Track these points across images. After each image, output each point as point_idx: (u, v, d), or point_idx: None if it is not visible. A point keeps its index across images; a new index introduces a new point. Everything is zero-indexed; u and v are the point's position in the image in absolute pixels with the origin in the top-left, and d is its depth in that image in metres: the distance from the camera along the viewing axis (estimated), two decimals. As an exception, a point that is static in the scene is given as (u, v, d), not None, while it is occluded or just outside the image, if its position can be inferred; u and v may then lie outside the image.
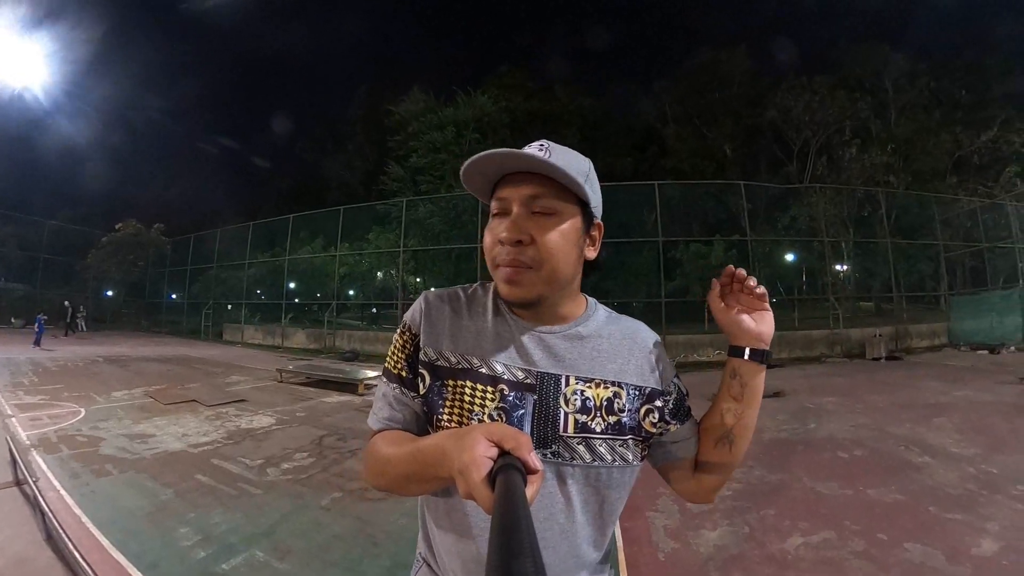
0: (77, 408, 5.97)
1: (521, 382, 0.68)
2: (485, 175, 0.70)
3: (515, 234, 0.65)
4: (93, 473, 3.71)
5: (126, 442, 4.58)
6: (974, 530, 2.73)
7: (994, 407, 5.93)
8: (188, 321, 22.82)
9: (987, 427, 5.01)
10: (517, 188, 0.67)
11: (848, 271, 20.19)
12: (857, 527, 2.81)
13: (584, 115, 28.84)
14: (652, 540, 2.75)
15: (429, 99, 24.81)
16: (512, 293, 0.68)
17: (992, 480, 3.49)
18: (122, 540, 2.61)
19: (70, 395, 6.77)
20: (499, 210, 0.69)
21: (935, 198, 17.44)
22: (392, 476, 0.65)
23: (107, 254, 24.92)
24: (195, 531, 2.77)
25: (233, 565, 2.42)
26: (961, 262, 18.76)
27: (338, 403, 6.97)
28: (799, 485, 3.56)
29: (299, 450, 4.52)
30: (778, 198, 20.58)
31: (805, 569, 2.40)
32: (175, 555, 2.50)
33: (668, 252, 16.11)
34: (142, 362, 11.29)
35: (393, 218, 18.99)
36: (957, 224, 18.20)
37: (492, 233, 0.69)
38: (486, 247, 0.71)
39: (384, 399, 0.74)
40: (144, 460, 4.08)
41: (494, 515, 0.39)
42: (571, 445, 0.67)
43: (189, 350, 14.97)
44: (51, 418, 5.44)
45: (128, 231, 25.28)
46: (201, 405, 6.38)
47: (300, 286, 21.97)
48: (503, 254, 0.67)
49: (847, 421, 5.48)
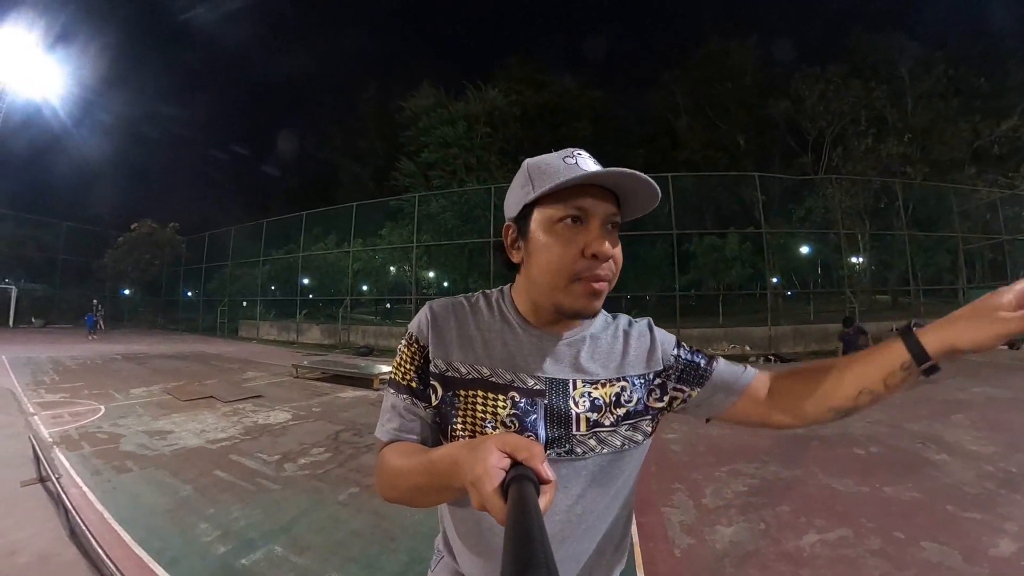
0: (97, 406, 6.10)
1: (531, 389, 0.70)
2: (559, 181, 0.66)
3: (610, 250, 0.65)
4: (114, 470, 3.78)
5: (145, 439, 4.67)
6: (992, 530, 2.69)
7: (1013, 403, 5.83)
8: (204, 318, 23.25)
9: (1006, 424, 4.92)
10: (602, 202, 0.67)
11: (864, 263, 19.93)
12: (873, 525, 2.79)
13: (595, 107, 28.71)
14: (668, 536, 2.76)
15: (439, 94, 24.83)
16: (592, 307, 0.68)
17: (1011, 479, 3.43)
18: (144, 536, 2.66)
19: (90, 393, 6.92)
20: (573, 219, 0.67)
21: (953, 189, 17.08)
22: (404, 488, 0.65)
23: (123, 253, 25.44)
24: (214, 527, 2.82)
25: (253, 560, 2.46)
26: (980, 254, 18.42)
27: (353, 398, 7.04)
28: (814, 481, 3.53)
29: (316, 445, 4.58)
30: (792, 190, 20.32)
31: (821, 566, 2.38)
32: (195, 551, 2.55)
33: (681, 245, 16.05)
34: (159, 359, 11.51)
35: (406, 213, 19.15)
36: (976, 216, 17.83)
37: (571, 243, 0.66)
38: (562, 257, 0.66)
39: (393, 410, 0.74)
40: (163, 456, 4.16)
41: (507, 526, 0.39)
42: (584, 442, 0.70)
43: (205, 347, 15.21)
44: (72, 416, 5.56)
45: (143, 230, 25.74)
46: (218, 401, 6.49)
47: (314, 282, 22.25)
48: (591, 268, 0.66)
49: (863, 416, 5.39)
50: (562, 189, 0.66)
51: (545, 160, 0.70)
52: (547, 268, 0.67)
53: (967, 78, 22.64)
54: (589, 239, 0.65)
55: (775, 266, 17.23)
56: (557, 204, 0.67)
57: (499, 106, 23.51)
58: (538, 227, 0.69)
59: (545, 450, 0.69)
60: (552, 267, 0.67)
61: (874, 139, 21.09)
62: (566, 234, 0.66)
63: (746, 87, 26.08)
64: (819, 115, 22.90)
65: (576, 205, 0.66)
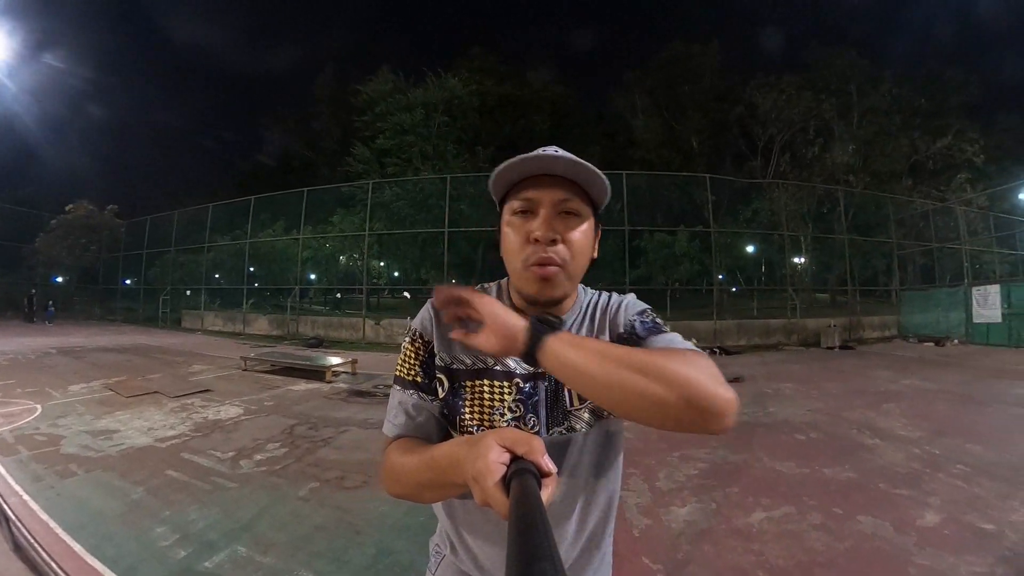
0: (32, 405, 5.65)
1: (533, 372, 0.74)
2: (510, 177, 0.71)
3: (551, 233, 0.68)
4: (57, 475, 3.53)
5: (89, 439, 4.39)
6: (919, 504, 2.98)
7: (938, 394, 6.42)
8: (145, 308, 21.80)
9: (932, 413, 5.42)
10: (548, 190, 0.69)
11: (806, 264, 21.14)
12: (814, 502, 3.03)
13: (555, 102, 28.81)
14: (626, 518, 2.88)
15: (398, 80, 24.19)
16: (544, 291, 0.70)
17: (935, 460, 3.80)
18: (96, 544, 2.50)
19: (23, 391, 6.39)
20: (524, 209, 0.70)
21: (891, 199, 18.48)
22: (408, 484, 0.66)
23: (57, 238, 23.39)
24: (172, 530, 2.70)
25: (216, 562, 2.38)
26: (912, 260, 19.93)
27: (306, 391, 6.87)
28: (760, 465, 3.78)
29: (271, 440, 4.45)
30: (741, 192, 21.28)
31: (768, 541, 2.57)
32: (154, 556, 2.43)
33: (632, 241, 16.41)
34: (98, 352, 10.76)
35: (358, 201, 18.60)
36: (910, 224, 19.34)
37: (520, 232, 0.70)
38: (513, 246, 0.71)
39: (401, 406, 0.76)
40: (110, 457, 3.93)
41: (510, 519, 0.39)
42: (579, 415, 0.74)
43: (147, 338, 14.33)
44: (4, 417, 5.11)
45: (79, 213, 23.80)
46: (164, 396, 6.17)
47: (262, 270, 21.23)
48: (537, 253, 0.69)
49: (803, 406, 5.81)
50: (518, 184, 0.71)
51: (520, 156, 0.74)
52: (506, 259, 0.73)
53: (910, 97, 24.41)
54: (533, 226, 0.69)
55: (722, 264, 18.01)
56: (514, 199, 0.72)
57: (458, 95, 23.07)
58: (504, 221, 0.74)
59: (549, 429, 0.73)
60: (508, 256, 0.73)
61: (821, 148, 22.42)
62: (516, 224, 0.71)
63: (704, 91, 26.95)
64: (771, 122, 24.05)
65: (524, 196, 0.70)
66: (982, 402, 5.92)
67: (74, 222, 23.66)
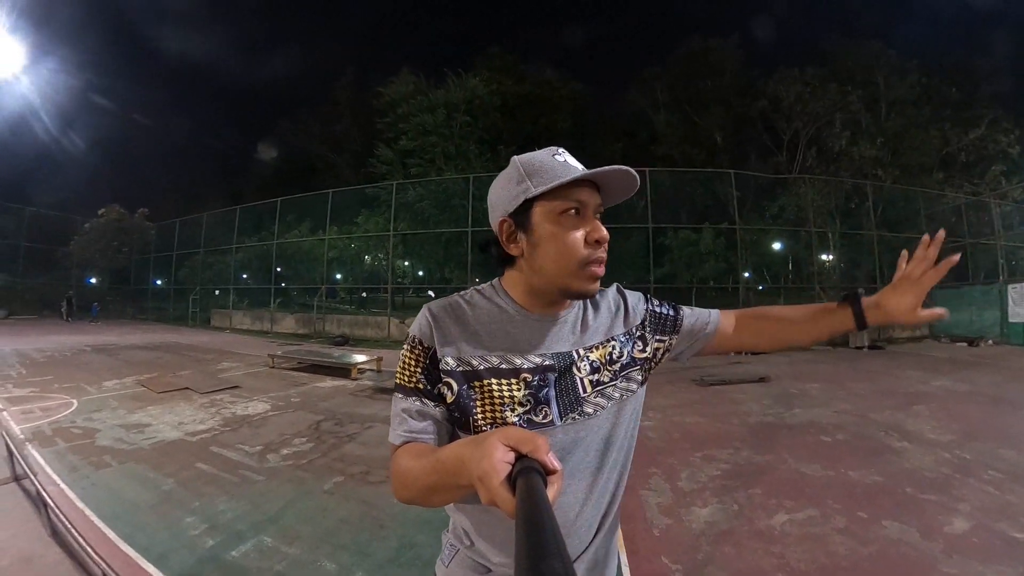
0: (69, 399, 5.92)
1: (541, 366, 0.76)
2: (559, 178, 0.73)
3: (608, 235, 0.76)
4: (92, 466, 3.70)
5: (122, 432, 4.58)
6: (947, 510, 2.89)
7: (970, 396, 6.18)
8: (175, 307, 22.56)
9: (962, 415, 5.22)
10: (594, 194, 0.76)
11: (834, 261, 20.52)
12: (839, 506, 2.96)
13: (575, 100, 28.56)
14: (647, 517, 2.87)
15: (419, 81, 24.33)
16: (595, 289, 0.78)
17: (966, 465, 3.67)
18: (129, 533, 2.62)
19: (60, 386, 6.70)
20: (572, 209, 0.74)
21: (921, 193, 17.79)
22: (416, 488, 0.67)
23: (90, 240, 24.42)
24: (201, 520, 2.81)
25: (243, 551, 2.47)
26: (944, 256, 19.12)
27: (332, 388, 7.01)
28: (784, 466, 3.72)
29: (297, 435, 4.57)
30: (767, 187, 20.74)
31: (790, 543, 2.53)
32: (184, 545, 2.53)
33: (657, 238, 16.26)
34: (131, 350, 11.19)
35: (382, 201, 18.78)
36: (942, 219, 18.52)
37: (577, 232, 0.74)
38: (571, 245, 0.74)
39: (404, 414, 0.76)
40: (142, 450, 4.09)
41: (517, 518, 0.39)
42: (591, 401, 0.78)
43: (177, 337, 14.82)
44: (43, 411, 5.37)
45: (111, 217, 24.77)
46: (194, 392, 6.38)
47: (288, 271, 21.69)
48: (595, 253, 0.75)
49: (830, 407, 5.67)
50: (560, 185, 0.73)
51: (536, 157, 0.75)
52: (557, 256, 0.74)
53: (939, 88, 23.36)
54: (590, 227, 0.74)
55: (748, 261, 17.67)
56: (557, 199, 0.73)
57: (479, 95, 23.09)
58: (543, 220, 0.74)
59: (562, 416, 0.75)
60: (563, 254, 0.74)
61: (848, 141, 21.68)
62: (571, 224, 0.74)
63: (725, 85, 26.35)
64: (795, 116, 23.37)
65: (575, 198, 0.73)
66: (1017, 405, 5.68)
67: (106, 225, 24.61)
